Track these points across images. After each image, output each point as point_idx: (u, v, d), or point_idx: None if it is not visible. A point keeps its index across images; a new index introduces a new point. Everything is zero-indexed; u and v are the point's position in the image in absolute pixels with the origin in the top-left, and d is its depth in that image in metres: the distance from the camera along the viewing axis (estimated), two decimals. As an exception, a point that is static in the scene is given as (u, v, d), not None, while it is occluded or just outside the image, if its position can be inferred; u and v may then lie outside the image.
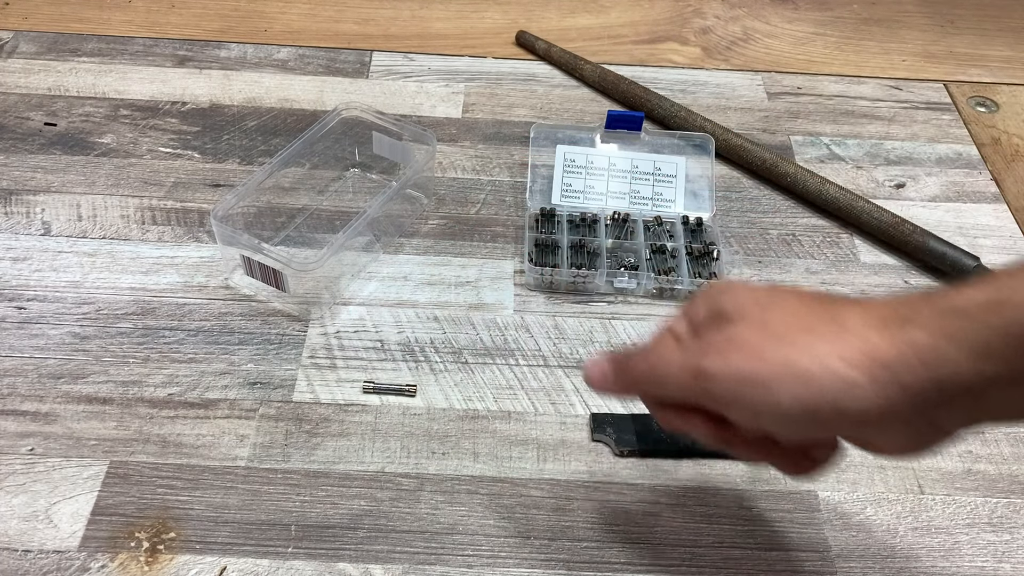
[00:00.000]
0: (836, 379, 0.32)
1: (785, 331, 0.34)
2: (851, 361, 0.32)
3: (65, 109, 0.74)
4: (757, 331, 0.34)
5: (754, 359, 0.34)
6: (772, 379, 0.33)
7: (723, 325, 0.36)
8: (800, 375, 0.32)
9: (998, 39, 0.91)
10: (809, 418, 0.33)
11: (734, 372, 0.34)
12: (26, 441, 0.52)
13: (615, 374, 0.40)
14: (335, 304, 0.61)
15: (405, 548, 0.48)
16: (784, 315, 0.34)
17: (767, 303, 0.35)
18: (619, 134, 0.69)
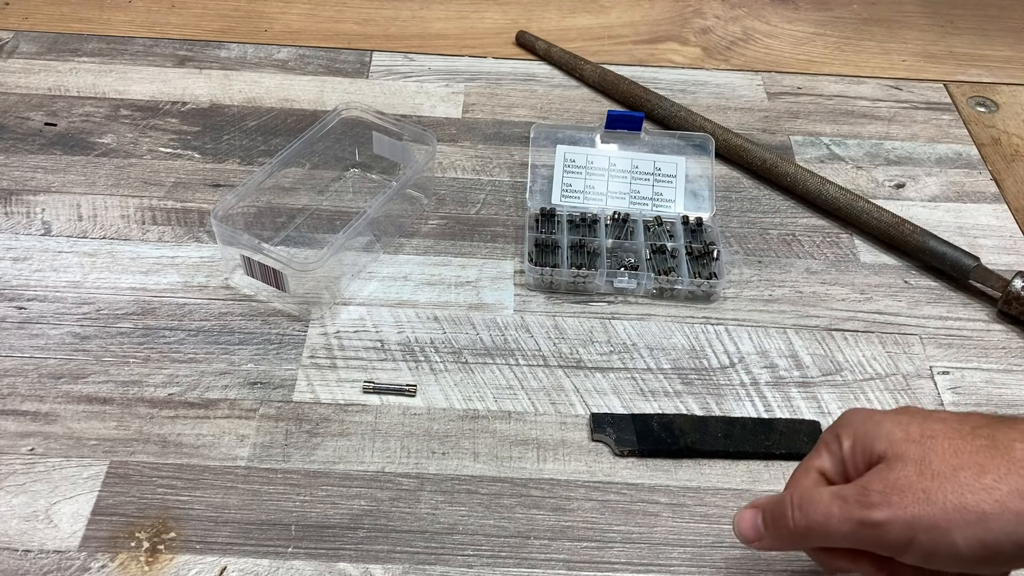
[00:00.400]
0: (1015, 515, 0.32)
1: (949, 470, 0.33)
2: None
3: (65, 109, 0.74)
4: (919, 472, 0.34)
5: (923, 503, 0.33)
6: (946, 523, 0.33)
7: (879, 468, 0.35)
8: (977, 517, 0.32)
9: (998, 39, 0.91)
10: (988, 557, 0.33)
11: (904, 520, 0.33)
12: (26, 441, 0.52)
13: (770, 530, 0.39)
14: (335, 304, 0.61)
15: (405, 548, 0.48)
16: (943, 451, 0.34)
17: (920, 438, 0.34)
18: (619, 134, 0.69)
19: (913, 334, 0.61)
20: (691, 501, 0.51)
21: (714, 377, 0.58)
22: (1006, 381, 0.59)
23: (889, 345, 0.60)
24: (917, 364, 0.59)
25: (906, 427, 0.35)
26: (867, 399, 0.57)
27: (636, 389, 0.57)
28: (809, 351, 0.60)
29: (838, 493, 0.36)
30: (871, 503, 0.34)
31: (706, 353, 0.59)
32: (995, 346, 0.61)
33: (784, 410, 0.56)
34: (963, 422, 0.35)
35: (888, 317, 0.62)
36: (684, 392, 0.57)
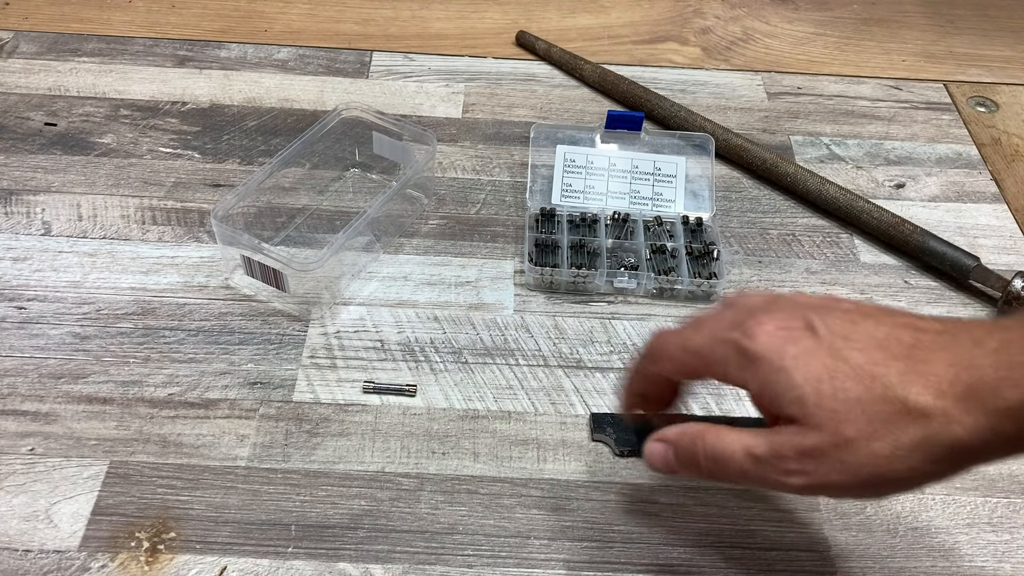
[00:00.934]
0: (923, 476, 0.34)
1: (863, 439, 0.34)
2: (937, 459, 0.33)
3: (65, 109, 0.74)
4: (831, 441, 0.34)
5: (838, 472, 0.34)
6: (859, 489, 0.35)
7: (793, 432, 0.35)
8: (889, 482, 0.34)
9: (998, 39, 0.91)
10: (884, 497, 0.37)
11: (818, 487, 0.35)
12: (26, 441, 0.52)
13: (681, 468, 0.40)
14: (335, 304, 0.61)
15: (405, 548, 0.48)
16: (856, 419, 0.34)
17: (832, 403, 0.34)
18: (619, 134, 0.69)
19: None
20: (691, 501, 0.51)
21: (714, 377, 0.58)
22: (1006, 381, 0.59)
23: (889, 345, 0.60)
24: (917, 364, 0.59)
25: (817, 387, 0.35)
26: (867, 399, 0.57)
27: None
28: (809, 351, 0.60)
29: (752, 451, 0.37)
30: (787, 470, 0.35)
31: (706, 353, 0.59)
32: (995, 346, 0.61)
33: (784, 410, 0.56)
34: (875, 379, 0.34)
35: (888, 317, 0.62)
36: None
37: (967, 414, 0.32)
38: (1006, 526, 0.51)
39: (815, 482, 0.35)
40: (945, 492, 0.53)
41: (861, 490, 0.35)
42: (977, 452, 0.33)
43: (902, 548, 0.50)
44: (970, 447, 0.32)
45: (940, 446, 0.33)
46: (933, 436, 0.33)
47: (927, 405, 0.33)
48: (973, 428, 0.32)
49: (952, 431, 0.32)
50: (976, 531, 0.51)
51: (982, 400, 0.32)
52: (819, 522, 0.51)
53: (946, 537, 0.51)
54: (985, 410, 0.32)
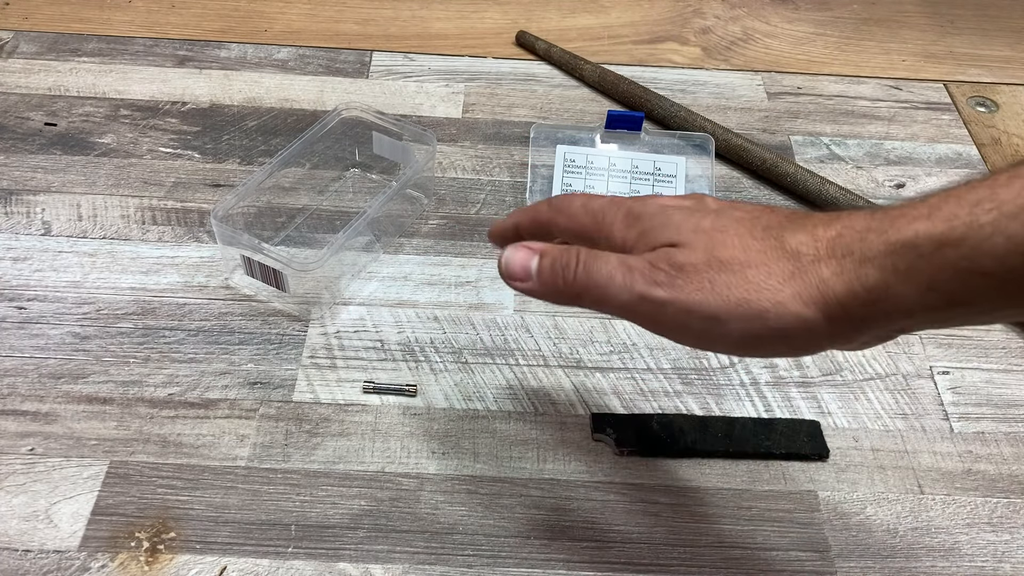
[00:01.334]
0: (791, 317, 0.33)
1: (737, 265, 0.34)
2: (804, 298, 0.33)
3: (65, 109, 0.74)
4: (707, 262, 0.34)
5: (706, 291, 0.34)
6: (725, 314, 0.34)
7: (668, 250, 0.35)
8: (755, 312, 0.33)
9: (998, 39, 0.91)
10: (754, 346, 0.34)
11: (684, 303, 0.34)
12: (26, 441, 0.52)
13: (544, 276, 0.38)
14: (335, 304, 0.61)
15: (405, 548, 0.48)
16: (732, 245, 0.35)
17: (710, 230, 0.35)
18: (619, 134, 0.69)
19: (913, 334, 0.61)
20: (691, 501, 0.51)
21: (714, 377, 0.58)
22: (1006, 381, 0.59)
23: (889, 345, 0.60)
24: (917, 364, 0.59)
25: (698, 221, 0.36)
26: (867, 399, 0.57)
27: (636, 389, 0.57)
28: (809, 351, 0.60)
29: (625, 261, 0.36)
30: (656, 280, 0.35)
31: (706, 353, 0.59)
32: (995, 346, 0.61)
33: (784, 410, 0.56)
34: (755, 222, 0.35)
35: (888, 317, 0.62)
36: (684, 392, 0.57)
37: (833, 257, 0.33)
38: (1006, 526, 0.51)
39: (680, 297, 0.34)
40: (945, 492, 0.53)
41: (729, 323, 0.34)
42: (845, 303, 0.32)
43: (902, 548, 0.50)
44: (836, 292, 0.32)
45: (808, 284, 0.33)
46: (802, 272, 0.33)
47: (800, 243, 0.34)
48: (838, 269, 0.33)
49: (819, 270, 0.33)
50: (976, 531, 0.51)
51: (848, 244, 0.33)
52: (819, 522, 0.51)
53: (946, 537, 0.51)
54: (850, 252, 0.32)
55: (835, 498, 0.52)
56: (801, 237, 0.34)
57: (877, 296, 0.32)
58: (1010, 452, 0.55)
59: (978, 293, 0.30)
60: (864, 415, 0.56)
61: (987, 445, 0.55)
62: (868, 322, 0.33)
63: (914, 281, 0.31)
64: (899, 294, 0.31)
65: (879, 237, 0.32)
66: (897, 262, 0.31)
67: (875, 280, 0.32)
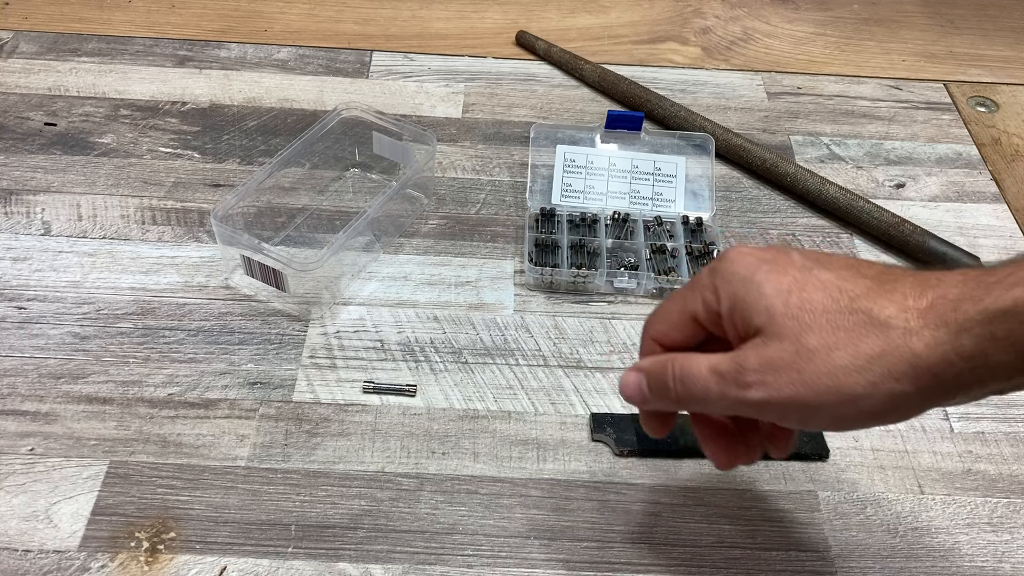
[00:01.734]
0: (884, 396, 0.32)
1: (824, 349, 0.33)
2: (895, 375, 0.32)
3: (65, 109, 0.74)
4: (794, 352, 0.34)
5: (797, 384, 0.34)
6: (817, 403, 0.33)
7: (756, 343, 0.35)
8: (849, 399, 0.33)
9: (998, 39, 0.91)
10: (849, 426, 0.35)
11: (778, 401, 0.34)
12: (26, 441, 0.52)
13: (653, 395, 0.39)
14: (335, 304, 0.61)
15: (405, 548, 0.48)
16: (819, 328, 0.34)
17: (798, 312, 0.34)
18: (619, 134, 0.69)
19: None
20: (691, 501, 0.51)
21: (714, 377, 0.58)
22: (1006, 381, 0.59)
23: (889, 345, 0.60)
24: (917, 364, 0.59)
25: (786, 298, 0.35)
26: (867, 399, 0.57)
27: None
28: (809, 351, 0.60)
29: (716, 368, 0.36)
30: (747, 383, 0.34)
31: (706, 353, 0.59)
32: (995, 346, 0.61)
33: (784, 410, 0.56)
34: (842, 292, 0.34)
35: (888, 317, 0.62)
36: (684, 392, 0.57)
37: (926, 328, 0.32)
38: (1006, 526, 0.51)
39: (773, 396, 0.34)
40: (945, 492, 0.53)
41: (822, 410, 0.34)
42: (939, 373, 0.32)
43: (902, 548, 0.50)
44: (930, 364, 0.32)
45: (899, 360, 0.32)
46: (893, 348, 0.32)
47: (890, 316, 0.33)
48: (932, 341, 0.32)
49: (911, 344, 0.32)
50: (976, 531, 0.51)
51: (942, 314, 0.32)
52: (819, 522, 0.51)
53: (946, 537, 0.51)
54: (945, 323, 0.32)
55: (835, 498, 0.52)
56: (891, 310, 0.33)
57: (974, 365, 0.31)
58: (1010, 452, 0.55)
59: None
60: (864, 415, 0.56)
61: (987, 445, 0.55)
62: (963, 388, 0.32)
63: (1012, 348, 0.30)
64: (997, 362, 0.31)
65: (975, 306, 0.31)
66: (995, 331, 0.31)
67: (971, 350, 0.31)
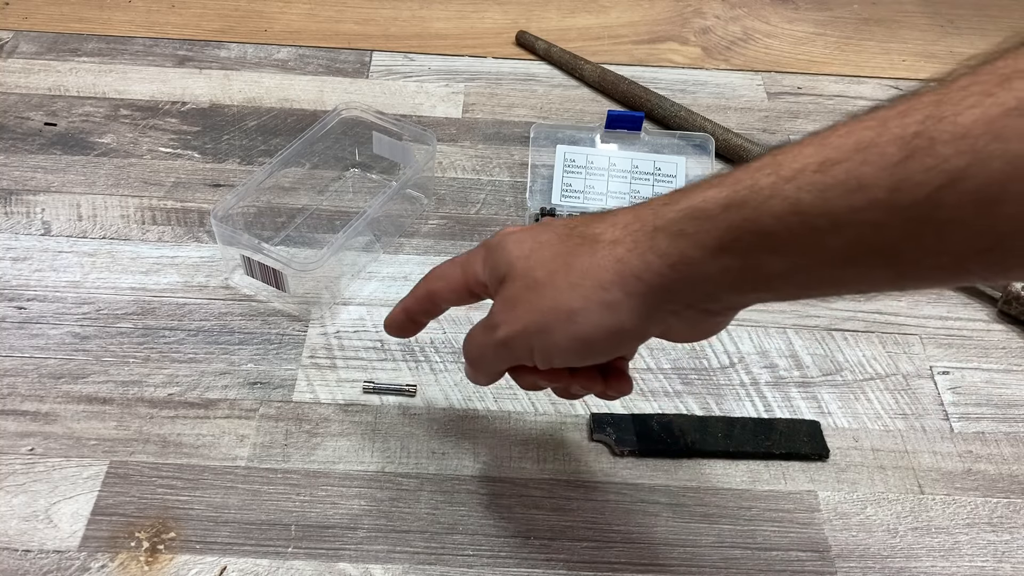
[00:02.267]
0: (597, 306, 0.34)
1: (547, 276, 0.36)
2: (605, 283, 0.34)
3: (65, 109, 0.74)
4: (525, 286, 0.36)
5: (530, 312, 0.36)
6: (547, 326, 0.35)
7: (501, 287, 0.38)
8: (567, 315, 0.35)
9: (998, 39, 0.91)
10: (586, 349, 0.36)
11: (519, 331, 0.36)
12: (26, 441, 0.52)
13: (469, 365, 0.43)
14: (335, 304, 0.61)
15: (405, 548, 0.48)
16: (544, 260, 0.36)
17: (530, 252, 0.37)
18: (619, 134, 0.69)
19: (913, 334, 0.61)
20: (691, 501, 0.51)
21: (714, 377, 0.58)
22: (1006, 381, 0.59)
23: (889, 345, 0.60)
24: (917, 364, 0.59)
25: (521, 243, 0.37)
26: (867, 399, 0.57)
27: (636, 389, 0.57)
28: (809, 351, 0.60)
29: (481, 323, 0.40)
30: (495, 324, 0.38)
31: (706, 353, 0.59)
32: (995, 346, 0.61)
33: (784, 410, 0.56)
34: (566, 226, 0.37)
35: (888, 317, 0.62)
36: (684, 392, 0.57)
37: (628, 235, 0.34)
38: (1006, 526, 0.51)
39: (515, 329, 0.36)
40: (945, 492, 0.53)
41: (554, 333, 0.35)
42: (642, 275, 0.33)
43: (902, 548, 0.50)
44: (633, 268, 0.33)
45: (605, 268, 0.34)
46: (599, 259, 0.34)
47: (599, 232, 0.35)
48: (632, 246, 0.33)
49: (616, 252, 0.34)
50: (976, 531, 0.51)
51: (643, 221, 0.34)
52: (819, 522, 0.51)
53: (946, 537, 0.51)
54: (643, 227, 0.33)
55: (835, 498, 0.52)
56: (601, 227, 0.35)
57: (672, 262, 0.32)
58: (1010, 452, 0.55)
59: (763, 255, 0.31)
60: (864, 415, 0.56)
61: (987, 445, 0.55)
62: (672, 293, 0.33)
63: (704, 243, 0.32)
64: (692, 258, 0.32)
65: (671, 208, 0.33)
66: (686, 227, 0.32)
67: (666, 246, 0.33)
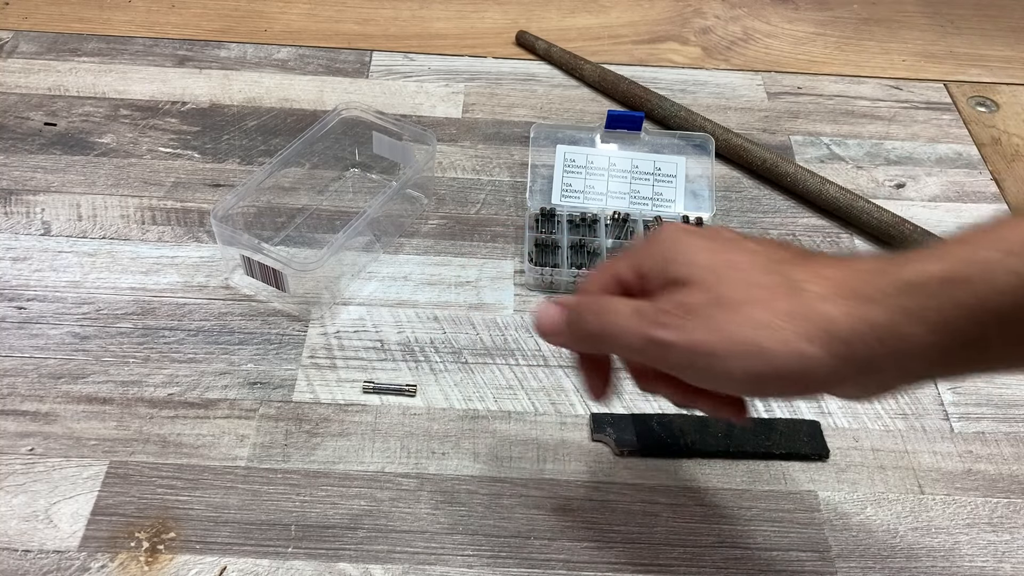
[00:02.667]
0: (793, 354, 0.33)
1: (739, 301, 0.34)
2: (808, 336, 0.32)
3: (65, 109, 0.74)
4: (710, 299, 0.35)
5: (708, 331, 0.34)
6: (724, 352, 0.34)
7: (676, 290, 0.36)
8: (757, 351, 0.33)
9: (998, 39, 0.91)
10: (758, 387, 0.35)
11: (687, 343, 0.34)
12: (26, 441, 0.52)
13: (570, 328, 0.39)
14: (335, 304, 0.61)
15: (405, 548, 0.48)
16: (737, 283, 0.35)
17: (720, 268, 0.36)
18: (619, 134, 0.69)
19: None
20: (691, 501, 0.51)
21: (714, 377, 0.58)
22: (1006, 381, 0.59)
23: (889, 345, 0.60)
24: (917, 364, 0.59)
25: (709, 255, 0.36)
26: (867, 399, 0.57)
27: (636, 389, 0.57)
28: (809, 351, 0.60)
29: (637, 308, 0.37)
30: (661, 323, 0.35)
31: (706, 353, 0.59)
32: (995, 346, 0.61)
33: (784, 410, 0.56)
34: (767, 256, 0.36)
35: (888, 317, 0.62)
36: (684, 392, 0.57)
37: (838, 295, 0.33)
38: (1006, 526, 0.51)
39: (683, 338, 0.34)
40: (945, 492, 0.53)
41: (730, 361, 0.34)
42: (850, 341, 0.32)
43: (902, 548, 0.50)
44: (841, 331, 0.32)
45: (812, 322, 0.33)
46: (806, 310, 0.33)
47: (804, 280, 0.34)
48: (843, 308, 0.32)
49: (824, 308, 0.33)
50: (976, 531, 0.51)
51: (853, 285, 0.33)
52: (819, 522, 0.51)
53: (946, 537, 0.51)
54: (855, 293, 0.32)
55: (835, 498, 0.52)
56: (805, 275, 0.34)
57: (884, 335, 0.31)
58: (1010, 452, 0.55)
59: (988, 332, 0.30)
60: (864, 415, 0.56)
61: (987, 445, 0.55)
62: (876, 363, 0.32)
63: (922, 321, 0.31)
64: (907, 334, 0.31)
65: (886, 279, 0.32)
66: (905, 302, 0.31)
67: (882, 319, 0.31)
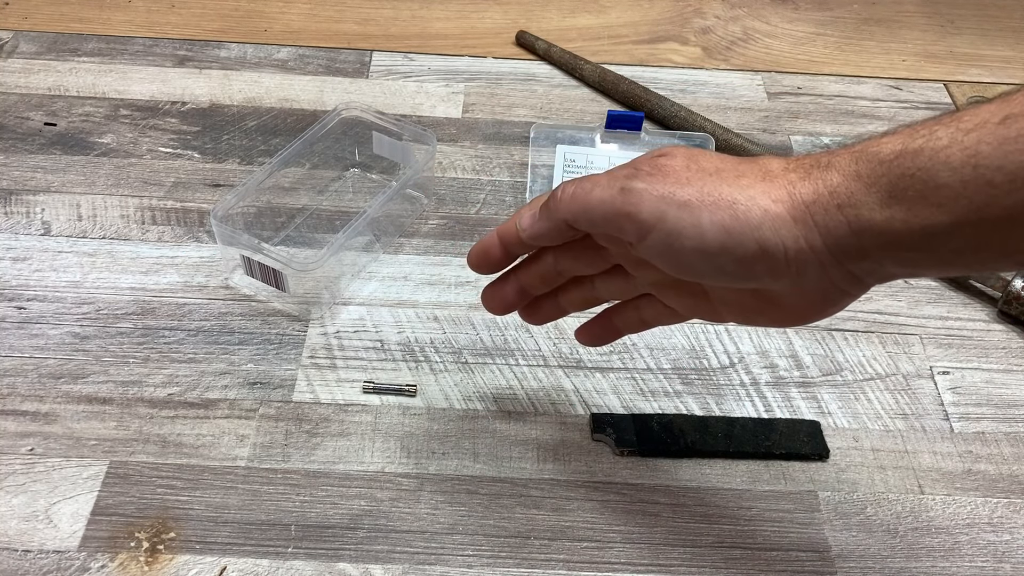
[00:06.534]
0: (760, 210, 0.34)
1: (712, 169, 0.36)
2: (774, 197, 0.34)
3: (65, 109, 0.74)
4: (685, 166, 0.36)
5: (681, 183, 0.35)
6: (698, 202, 0.35)
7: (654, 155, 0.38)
8: (726, 202, 0.34)
9: (998, 39, 0.91)
10: (726, 247, 0.34)
11: (659, 193, 0.35)
12: (26, 441, 0.52)
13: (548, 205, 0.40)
14: (335, 304, 0.61)
15: (405, 548, 0.48)
16: (710, 158, 0.37)
17: (694, 152, 0.37)
18: (619, 134, 0.69)
19: (913, 334, 0.61)
20: (691, 501, 0.51)
21: (714, 377, 0.58)
22: (1006, 381, 0.59)
23: (889, 345, 0.60)
24: (917, 364, 0.59)
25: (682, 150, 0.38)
26: (867, 399, 0.57)
27: (636, 389, 0.57)
28: (809, 351, 0.60)
29: (611, 172, 0.39)
30: (636, 175, 0.36)
31: (706, 353, 0.59)
32: (995, 346, 0.61)
33: (784, 410, 0.56)
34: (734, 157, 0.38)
35: (888, 317, 0.62)
36: (684, 392, 0.57)
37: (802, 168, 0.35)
38: (1006, 526, 0.51)
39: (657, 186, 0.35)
40: (945, 492, 0.53)
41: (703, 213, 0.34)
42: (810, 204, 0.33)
43: (902, 548, 0.50)
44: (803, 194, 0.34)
45: (778, 186, 0.34)
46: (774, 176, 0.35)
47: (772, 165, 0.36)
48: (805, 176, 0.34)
49: (789, 176, 0.34)
50: (976, 531, 0.51)
51: (816, 160, 0.35)
52: (819, 522, 0.51)
53: (946, 537, 0.51)
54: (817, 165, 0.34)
55: (835, 498, 0.52)
56: (777, 158, 0.36)
57: (841, 202, 0.33)
58: (1010, 452, 0.55)
59: (935, 208, 0.31)
60: (864, 415, 0.56)
61: (987, 445, 0.55)
62: (833, 234, 0.33)
63: (875, 187, 0.32)
64: (861, 202, 0.32)
65: (847, 151, 0.34)
66: (860, 169, 0.33)
67: (838, 182, 0.33)
